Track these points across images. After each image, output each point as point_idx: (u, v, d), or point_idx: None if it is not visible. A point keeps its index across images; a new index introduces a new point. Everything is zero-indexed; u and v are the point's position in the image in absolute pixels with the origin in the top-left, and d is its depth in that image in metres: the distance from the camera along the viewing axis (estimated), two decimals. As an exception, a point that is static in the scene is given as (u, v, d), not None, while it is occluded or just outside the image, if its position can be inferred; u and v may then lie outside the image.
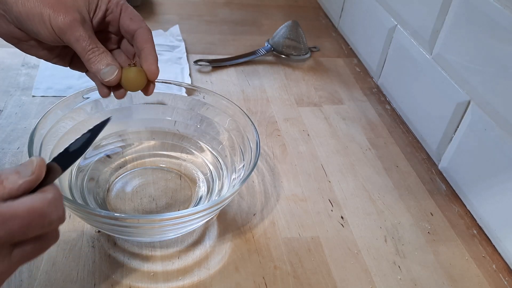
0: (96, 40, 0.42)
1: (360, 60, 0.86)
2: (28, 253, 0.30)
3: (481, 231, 0.55)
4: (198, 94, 0.56)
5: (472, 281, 0.49)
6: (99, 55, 0.42)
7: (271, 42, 0.84)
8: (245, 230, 0.51)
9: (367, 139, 0.67)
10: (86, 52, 0.41)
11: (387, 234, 0.52)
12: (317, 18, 1.01)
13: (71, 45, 0.41)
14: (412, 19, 0.69)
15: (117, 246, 0.47)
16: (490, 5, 0.53)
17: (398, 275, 0.48)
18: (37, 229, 0.29)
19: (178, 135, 0.58)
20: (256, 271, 0.46)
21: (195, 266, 0.46)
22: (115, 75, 0.43)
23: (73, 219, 0.49)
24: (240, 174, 0.50)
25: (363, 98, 0.76)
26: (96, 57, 0.42)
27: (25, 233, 0.29)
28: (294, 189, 0.57)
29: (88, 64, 0.42)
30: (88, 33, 0.41)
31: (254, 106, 0.71)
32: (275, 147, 0.63)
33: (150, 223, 0.43)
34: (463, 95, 0.58)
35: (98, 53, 0.42)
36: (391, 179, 0.60)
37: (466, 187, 0.58)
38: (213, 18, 0.95)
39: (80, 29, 0.41)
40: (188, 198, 0.53)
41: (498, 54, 0.52)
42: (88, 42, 0.41)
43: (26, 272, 0.43)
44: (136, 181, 0.54)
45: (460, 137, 0.58)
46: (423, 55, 0.66)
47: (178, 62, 0.78)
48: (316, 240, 0.50)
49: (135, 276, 0.44)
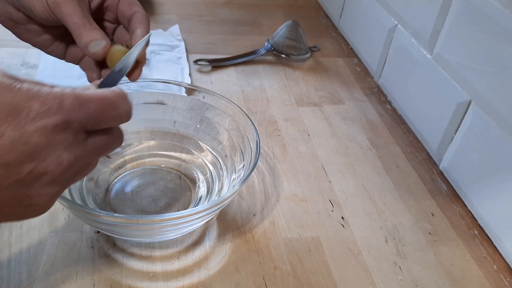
0: (90, 18, 0.42)
1: (361, 60, 0.86)
2: (100, 145, 0.32)
3: (482, 231, 0.54)
4: (198, 94, 0.56)
5: (473, 281, 0.48)
6: (90, 31, 0.41)
7: (271, 42, 0.84)
8: (245, 230, 0.50)
9: (368, 139, 0.67)
10: (78, 27, 0.41)
11: (388, 234, 0.52)
12: (317, 18, 1.01)
13: (63, 20, 0.41)
14: (413, 19, 0.69)
15: (117, 246, 0.47)
16: (490, 5, 0.52)
17: (398, 275, 0.48)
18: (109, 120, 0.31)
19: (178, 135, 0.58)
20: (256, 271, 0.46)
21: (195, 266, 0.46)
22: (102, 46, 0.42)
23: (72, 219, 0.49)
24: (240, 174, 0.50)
25: (364, 98, 0.76)
26: (87, 32, 0.41)
27: (99, 120, 0.31)
28: (294, 189, 0.57)
29: (78, 39, 0.41)
30: (83, 10, 0.41)
31: (254, 106, 0.70)
32: (275, 147, 0.63)
33: (149, 223, 0.43)
34: (463, 95, 0.58)
35: (89, 28, 0.41)
36: (391, 179, 0.60)
37: (467, 187, 0.57)
38: (213, 18, 0.95)
39: (74, 4, 0.40)
40: (188, 198, 0.53)
41: (499, 54, 0.52)
42: (80, 18, 0.41)
43: (26, 272, 0.43)
44: (135, 181, 0.54)
45: (460, 137, 0.58)
46: (423, 55, 0.66)
47: (178, 62, 0.78)
48: (316, 240, 0.50)
49: (134, 276, 0.44)
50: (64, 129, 0.29)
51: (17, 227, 0.47)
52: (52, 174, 0.29)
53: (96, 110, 0.30)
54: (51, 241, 0.46)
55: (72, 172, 0.31)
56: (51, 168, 0.29)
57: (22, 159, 0.27)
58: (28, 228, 0.47)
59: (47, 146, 0.28)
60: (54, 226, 0.48)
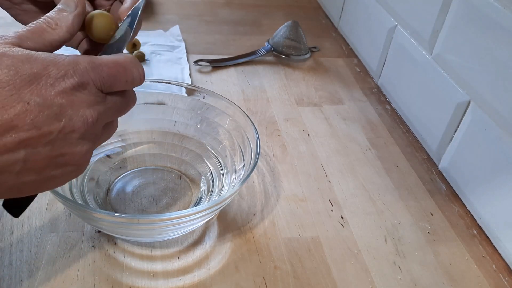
0: None
1: (360, 60, 0.86)
2: (118, 103, 0.35)
3: (481, 231, 0.55)
4: (198, 94, 0.57)
5: (472, 281, 0.49)
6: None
7: (271, 42, 0.84)
8: (245, 230, 0.51)
9: (367, 139, 0.67)
10: None
11: (387, 234, 0.52)
12: (317, 18, 1.01)
13: None
14: (412, 19, 0.69)
15: (117, 246, 0.47)
16: (490, 5, 0.53)
17: (398, 275, 0.48)
18: (122, 83, 0.34)
19: (178, 135, 0.58)
20: (256, 271, 0.46)
21: (195, 266, 0.46)
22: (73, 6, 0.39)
23: (73, 219, 0.49)
24: (240, 174, 0.50)
25: (363, 98, 0.76)
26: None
27: (113, 83, 0.33)
28: (294, 189, 0.57)
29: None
30: None
31: (254, 106, 0.71)
32: (275, 147, 0.63)
33: (150, 223, 0.43)
34: (463, 95, 0.58)
35: None
36: (391, 179, 0.60)
37: (466, 187, 0.58)
38: (213, 18, 0.95)
39: None
40: (188, 198, 0.53)
41: (498, 54, 0.52)
42: None
43: (26, 272, 0.43)
44: (136, 181, 0.54)
45: (460, 137, 0.58)
46: (423, 55, 0.66)
47: (178, 62, 0.78)
48: (316, 240, 0.50)
49: (135, 276, 0.44)
50: (81, 90, 0.31)
51: (19, 227, 0.47)
52: (80, 131, 0.31)
53: (109, 73, 0.32)
54: (52, 240, 0.46)
55: (98, 129, 0.33)
56: (78, 126, 0.31)
57: (50, 120, 0.30)
58: (29, 228, 0.47)
59: (70, 106, 0.31)
60: (55, 226, 0.48)
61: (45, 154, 0.31)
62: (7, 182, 0.31)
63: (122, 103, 0.35)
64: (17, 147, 0.29)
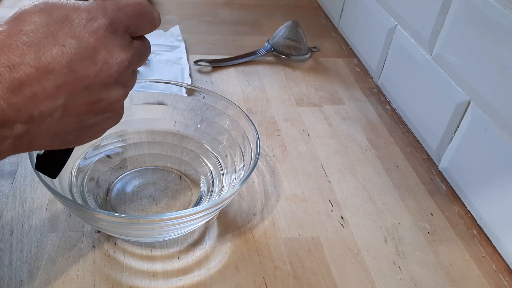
0: None
1: (360, 60, 0.86)
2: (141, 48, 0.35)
3: (481, 231, 0.55)
4: (198, 94, 0.57)
5: (472, 281, 0.49)
6: None
7: (271, 42, 0.84)
8: (245, 230, 0.51)
9: (367, 139, 0.67)
10: None
11: (387, 234, 0.52)
12: (317, 18, 1.01)
13: None
14: (412, 19, 0.69)
15: (117, 246, 0.47)
16: (490, 5, 0.53)
17: (398, 275, 0.48)
18: (145, 24, 0.34)
19: (178, 135, 0.58)
20: (256, 271, 0.46)
21: (195, 266, 0.46)
22: None
23: (73, 219, 0.49)
24: (240, 174, 0.50)
25: (363, 98, 0.76)
26: None
27: (139, 23, 0.34)
28: (294, 189, 0.57)
29: None
30: None
31: (254, 106, 0.71)
32: (275, 147, 0.63)
33: (150, 223, 0.43)
34: (463, 95, 0.58)
35: None
36: (391, 179, 0.60)
37: (466, 187, 0.58)
38: (213, 18, 0.95)
39: None
40: (188, 198, 0.53)
41: (498, 54, 0.52)
42: None
43: (27, 271, 0.43)
44: (136, 181, 0.54)
45: (460, 137, 0.58)
46: (423, 55, 0.66)
47: (178, 62, 0.78)
48: (316, 240, 0.51)
49: (135, 276, 0.45)
50: (113, 32, 0.32)
51: (18, 227, 0.47)
52: (116, 75, 0.32)
53: (133, 14, 0.33)
54: (52, 240, 0.46)
55: (129, 74, 0.34)
56: (115, 69, 0.32)
57: (86, 63, 0.30)
58: (29, 228, 0.47)
59: (104, 48, 0.31)
60: (55, 226, 0.48)
61: (84, 100, 0.31)
62: (50, 130, 0.31)
63: (144, 49, 0.36)
64: (56, 93, 0.30)
